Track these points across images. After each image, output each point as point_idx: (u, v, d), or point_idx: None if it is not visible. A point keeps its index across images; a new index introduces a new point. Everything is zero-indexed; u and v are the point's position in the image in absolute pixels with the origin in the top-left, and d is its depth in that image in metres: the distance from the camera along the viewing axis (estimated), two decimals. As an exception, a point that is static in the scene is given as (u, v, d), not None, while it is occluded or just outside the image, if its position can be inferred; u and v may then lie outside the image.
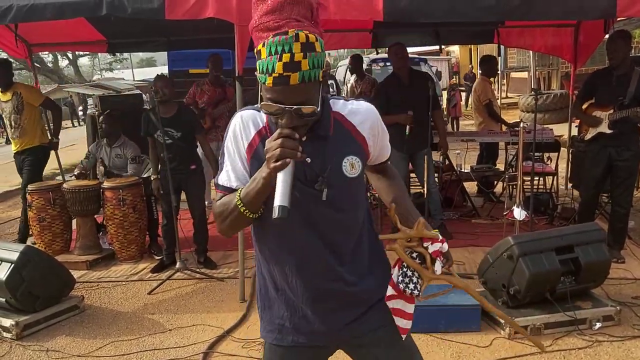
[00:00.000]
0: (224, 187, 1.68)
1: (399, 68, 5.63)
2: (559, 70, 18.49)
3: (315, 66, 1.48)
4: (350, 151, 1.66)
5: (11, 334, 4.03)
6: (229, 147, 1.67)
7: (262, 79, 1.49)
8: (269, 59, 1.45)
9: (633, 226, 5.72)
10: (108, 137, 5.87)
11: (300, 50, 1.45)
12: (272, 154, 1.45)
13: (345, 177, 1.65)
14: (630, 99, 4.67)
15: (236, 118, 1.69)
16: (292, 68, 1.44)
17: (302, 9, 1.52)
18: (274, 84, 1.46)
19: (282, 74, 1.45)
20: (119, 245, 5.55)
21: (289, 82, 1.45)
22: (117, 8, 4.15)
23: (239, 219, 1.61)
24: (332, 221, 1.66)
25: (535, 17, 4.28)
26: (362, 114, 1.69)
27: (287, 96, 1.47)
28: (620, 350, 3.50)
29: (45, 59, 31.22)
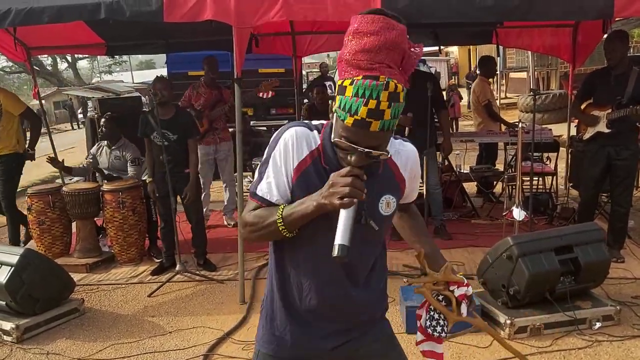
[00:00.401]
0: (262, 198, 1.65)
1: None
2: (557, 70, 18.50)
3: (396, 116, 1.49)
4: (389, 191, 1.68)
5: (11, 337, 4.03)
6: (276, 158, 1.63)
7: (342, 116, 1.48)
8: (355, 100, 1.44)
9: (633, 226, 5.73)
10: (108, 140, 5.87)
11: (387, 100, 1.44)
12: (339, 190, 1.44)
13: (381, 214, 1.67)
14: (629, 98, 4.68)
15: (289, 132, 1.64)
16: (375, 116, 1.44)
17: (396, 55, 1.49)
18: (354, 126, 1.46)
19: (365, 119, 1.44)
20: (118, 247, 5.55)
21: (370, 128, 1.45)
22: (115, 11, 4.16)
23: (273, 234, 1.60)
24: (357, 251, 1.63)
25: (534, 17, 4.29)
26: (406, 156, 1.74)
27: (363, 139, 1.47)
28: (620, 350, 3.50)
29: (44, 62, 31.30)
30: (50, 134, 7.61)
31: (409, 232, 1.96)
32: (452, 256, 5.24)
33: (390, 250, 5.60)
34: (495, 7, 4.09)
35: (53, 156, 6.11)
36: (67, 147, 17.30)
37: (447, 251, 5.36)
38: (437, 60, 19.82)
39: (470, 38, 8.73)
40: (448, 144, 5.87)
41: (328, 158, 1.61)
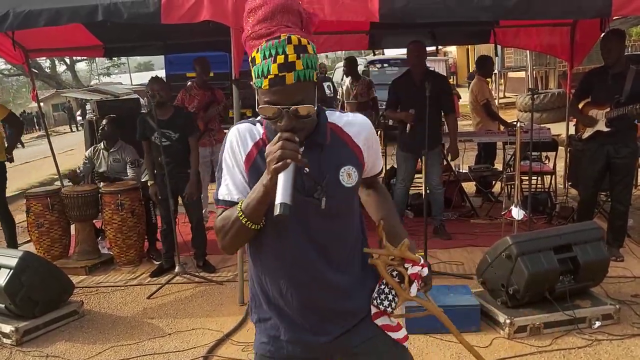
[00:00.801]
0: (224, 201, 1.67)
1: (414, 66, 5.59)
2: (556, 69, 18.49)
3: (310, 67, 1.51)
4: (346, 161, 1.67)
5: (11, 340, 4.03)
6: (227, 160, 1.67)
7: (258, 83, 1.51)
8: (264, 63, 1.49)
9: (632, 224, 5.73)
10: (107, 141, 5.86)
11: (294, 52, 1.48)
12: (272, 157, 1.46)
13: (343, 186, 1.66)
14: (627, 96, 4.69)
15: (232, 131, 1.70)
16: (287, 68, 1.47)
17: (292, 17, 1.56)
18: (270, 86, 1.49)
19: (278, 75, 1.47)
20: (117, 249, 5.55)
21: (285, 82, 1.48)
22: (113, 13, 4.16)
23: (240, 231, 1.60)
24: (328, 231, 1.67)
25: (532, 16, 4.29)
26: (357, 125, 1.72)
27: (284, 97, 1.49)
28: (620, 348, 3.50)
29: (42, 64, 31.26)
30: (49, 136, 7.61)
31: (375, 208, 1.91)
32: (451, 256, 5.25)
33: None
34: (493, 6, 4.09)
35: (74, 171, 6.01)
36: (66, 150, 17.30)
37: (446, 251, 5.37)
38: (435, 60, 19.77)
39: (468, 38, 8.75)
40: (455, 148, 5.82)
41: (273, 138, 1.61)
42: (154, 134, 5.02)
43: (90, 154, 6.04)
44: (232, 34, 4.19)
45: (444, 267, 4.98)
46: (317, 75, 1.56)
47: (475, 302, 3.85)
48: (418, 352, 3.59)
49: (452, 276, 4.75)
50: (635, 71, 4.75)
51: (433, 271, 4.78)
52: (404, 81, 5.66)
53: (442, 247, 5.47)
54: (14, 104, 43.57)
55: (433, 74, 6.09)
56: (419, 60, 5.57)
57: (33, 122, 37.98)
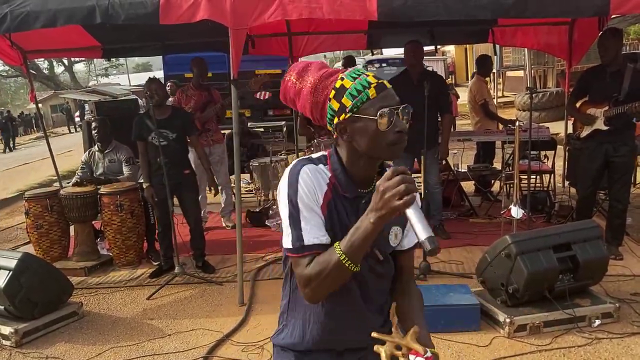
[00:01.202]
0: (316, 245, 1.54)
1: (411, 66, 5.59)
2: (554, 68, 18.51)
3: None
4: (397, 221, 1.66)
5: (10, 341, 4.02)
6: (304, 200, 1.55)
7: (361, 97, 1.54)
8: (358, 81, 1.56)
9: (631, 223, 5.73)
10: (101, 142, 5.86)
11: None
12: (394, 192, 1.39)
13: (390, 246, 1.68)
14: (625, 95, 4.69)
15: (303, 170, 1.59)
16: (378, 79, 1.57)
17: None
18: (377, 91, 1.54)
19: (378, 82, 1.55)
20: (117, 250, 5.54)
21: (386, 86, 1.56)
22: (110, 15, 4.15)
23: (340, 274, 1.50)
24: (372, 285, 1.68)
25: (530, 15, 4.29)
26: None
27: (392, 99, 1.56)
28: (620, 347, 3.50)
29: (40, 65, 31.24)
30: (48, 137, 7.60)
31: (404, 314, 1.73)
32: (450, 255, 5.25)
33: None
34: (491, 5, 4.09)
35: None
36: (64, 151, 17.29)
37: (445, 250, 5.37)
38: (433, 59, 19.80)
39: (466, 37, 8.74)
40: (445, 148, 5.84)
41: (344, 186, 1.60)
42: (150, 135, 5.01)
43: (86, 158, 6.03)
44: (231, 34, 4.18)
45: (444, 267, 4.98)
46: None
47: (475, 302, 3.85)
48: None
49: (452, 275, 4.75)
50: (632, 69, 4.76)
51: (432, 270, 4.79)
52: (401, 81, 5.64)
53: (442, 247, 5.41)
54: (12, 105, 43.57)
55: (430, 73, 6.08)
56: (417, 60, 5.56)
57: (31, 124, 37.99)
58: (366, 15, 4.14)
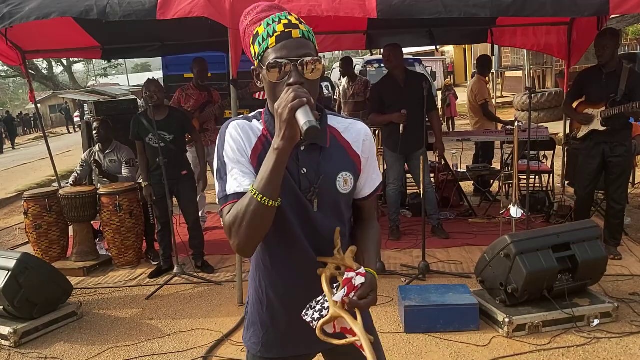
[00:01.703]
0: (236, 194, 1.53)
1: (394, 68, 5.60)
2: (553, 68, 18.54)
3: (311, 33, 1.54)
4: (344, 167, 1.65)
5: (9, 341, 4.02)
6: (229, 154, 1.57)
7: (264, 45, 1.52)
8: (268, 28, 1.52)
9: (629, 223, 5.74)
10: (102, 143, 5.86)
11: (295, 19, 1.53)
12: (285, 101, 1.40)
13: (338, 192, 1.64)
14: (622, 95, 4.70)
15: (232, 126, 1.61)
16: (292, 26, 1.51)
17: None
18: (277, 41, 1.50)
19: (284, 31, 1.50)
20: (116, 251, 5.54)
21: (291, 35, 1.50)
22: (107, 14, 4.14)
23: (258, 214, 1.46)
24: (322, 231, 1.64)
25: (529, 14, 4.29)
26: (357, 132, 1.69)
27: (291, 50, 1.49)
28: (619, 347, 3.50)
29: (39, 65, 31.20)
30: (47, 137, 7.60)
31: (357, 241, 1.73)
32: (449, 255, 5.25)
33: (387, 250, 5.61)
34: (490, 3, 4.09)
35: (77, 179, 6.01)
36: (64, 151, 17.28)
37: (444, 250, 5.38)
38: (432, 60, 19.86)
39: (465, 37, 8.74)
40: (440, 143, 5.88)
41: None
42: (148, 135, 5.02)
43: (87, 157, 6.03)
44: (230, 35, 4.18)
45: (443, 267, 4.98)
46: (318, 53, 1.56)
47: (474, 301, 3.86)
48: (417, 351, 3.59)
49: (451, 275, 4.76)
50: (629, 70, 4.77)
51: (432, 270, 4.79)
52: (388, 84, 5.65)
53: (441, 247, 5.47)
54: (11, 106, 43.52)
55: (414, 73, 6.11)
56: (397, 62, 5.58)
57: (30, 124, 37.96)
58: (365, 13, 4.13)
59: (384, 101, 5.59)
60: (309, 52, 1.51)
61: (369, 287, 1.47)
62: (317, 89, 1.56)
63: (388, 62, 5.63)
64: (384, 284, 4.64)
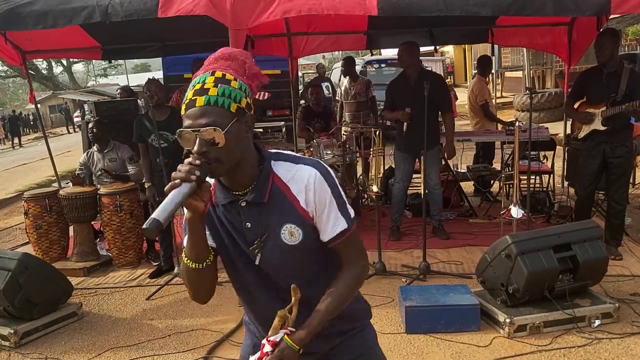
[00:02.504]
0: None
1: (407, 67, 5.56)
2: (553, 69, 18.53)
3: (225, 95, 1.50)
4: (288, 219, 1.60)
5: (9, 342, 4.01)
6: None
7: (182, 111, 1.54)
8: (187, 92, 1.53)
9: (630, 223, 5.74)
10: (99, 143, 5.85)
11: (213, 82, 1.51)
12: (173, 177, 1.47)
13: (286, 244, 1.61)
14: (622, 95, 4.70)
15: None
16: (200, 93, 1.50)
17: (234, 64, 1.59)
18: (185, 109, 1.51)
19: (191, 99, 1.50)
20: (116, 251, 5.54)
21: (196, 104, 1.49)
22: (110, 14, 4.14)
23: (189, 273, 1.61)
24: (279, 283, 1.65)
25: (530, 13, 4.28)
26: (302, 183, 1.60)
27: (192, 119, 1.49)
28: (620, 347, 3.50)
29: (39, 66, 31.19)
30: (47, 138, 7.60)
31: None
32: (450, 255, 5.25)
33: (388, 251, 5.58)
34: (491, 2, 4.09)
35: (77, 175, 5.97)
36: (63, 151, 17.27)
37: (445, 250, 5.37)
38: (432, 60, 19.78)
39: (466, 37, 8.75)
40: (451, 147, 5.82)
41: (219, 195, 1.63)
42: (150, 136, 5.01)
43: (84, 159, 6.01)
44: (230, 35, 4.18)
45: (443, 267, 4.97)
46: (239, 110, 1.52)
47: (475, 302, 3.85)
48: (418, 351, 3.59)
49: (452, 276, 4.75)
50: (629, 70, 4.77)
51: (432, 270, 4.78)
52: (400, 82, 5.65)
53: (441, 247, 5.47)
54: (11, 106, 43.51)
55: (429, 73, 6.07)
56: (412, 61, 5.53)
57: (30, 124, 37.94)
58: (366, 11, 4.12)
59: (394, 99, 5.59)
60: (210, 122, 1.48)
61: (274, 358, 1.58)
62: (231, 152, 1.52)
63: (400, 61, 5.61)
64: (385, 284, 4.63)
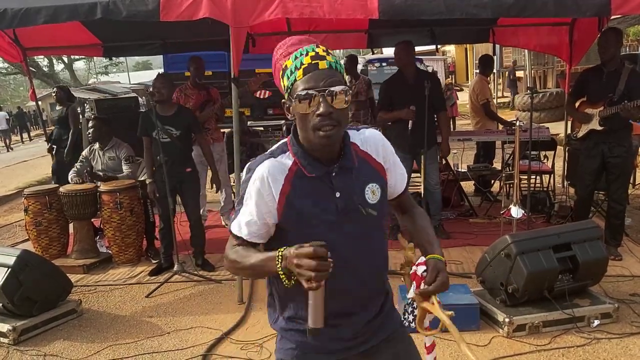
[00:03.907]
0: (235, 236, 1.70)
1: (404, 66, 5.56)
2: (554, 69, 18.54)
3: (339, 64, 1.57)
4: (370, 179, 1.69)
5: (8, 339, 4.01)
6: (252, 196, 1.64)
7: (292, 78, 1.55)
8: (296, 61, 1.55)
9: (630, 223, 5.73)
10: (98, 141, 5.84)
11: (323, 51, 1.57)
12: (305, 273, 1.43)
13: (368, 203, 1.68)
14: (620, 95, 4.69)
15: (257, 171, 1.63)
16: (319, 58, 1.54)
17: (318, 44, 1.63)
18: (304, 73, 1.53)
19: (311, 63, 1.53)
20: (116, 248, 5.54)
21: (318, 67, 1.53)
22: (111, 11, 4.15)
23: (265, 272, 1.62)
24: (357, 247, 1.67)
25: (530, 14, 4.28)
26: (373, 141, 1.73)
27: (318, 80, 1.52)
28: (619, 347, 3.50)
29: (40, 63, 31.16)
30: (47, 135, 7.59)
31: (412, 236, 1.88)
32: (450, 255, 5.24)
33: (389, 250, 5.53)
34: (492, 3, 4.08)
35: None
36: (64, 149, 17.27)
37: (445, 250, 5.30)
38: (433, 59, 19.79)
39: (467, 37, 8.74)
40: (446, 145, 5.83)
41: (308, 168, 1.62)
42: (155, 131, 5.01)
43: (87, 153, 6.01)
44: (231, 33, 4.18)
45: (443, 266, 4.97)
46: (347, 84, 1.58)
47: (475, 301, 3.85)
48: (421, 349, 3.58)
49: (451, 275, 4.75)
50: (629, 70, 4.77)
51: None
52: (397, 82, 5.64)
53: (442, 247, 5.44)
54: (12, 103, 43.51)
55: (425, 73, 6.08)
56: (409, 60, 5.54)
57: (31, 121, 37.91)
58: (367, 14, 4.13)
59: (392, 98, 5.58)
60: (337, 82, 1.54)
61: (433, 271, 1.66)
62: (346, 116, 1.60)
63: (398, 60, 5.60)
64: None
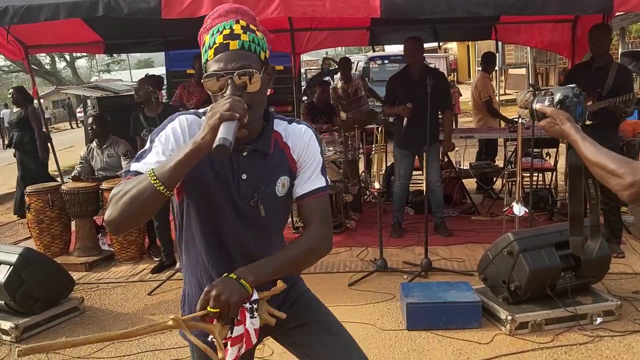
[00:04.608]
0: (135, 172, 1.55)
1: (412, 63, 5.54)
2: (556, 66, 18.49)
3: (255, 42, 1.53)
4: (284, 171, 1.70)
5: (11, 336, 4.02)
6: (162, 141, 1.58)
7: (206, 56, 1.54)
8: (211, 39, 1.53)
9: (632, 221, 5.72)
10: (98, 139, 5.83)
11: (240, 28, 1.52)
12: (219, 107, 1.42)
13: (276, 195, 1.70)
14: (608, 90, 4.68)
15: (179, 119, 1.62)
16: (231, 37, 1.51)
17: (246, 17, 1.58)
18: (215, 53, 1.51)
19: (222, 42, 1.51)
20: (118, 246, 5.54)
21: (229, 47, 1.50)
22: (113, 8, 4.15)
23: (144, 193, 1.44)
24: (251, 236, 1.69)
25: (532, 12, 4.28)
26: (296, 136, 1.71)
27: (227, 62, 1.50)
28: (622, 345, 3.49)
29: (42, 61, 31.18)
30: (49, 133, 7.60)
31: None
32: (452, 253, 5.24)
33: (389, 247, 5.57)
34: (493, 1, 4.08)
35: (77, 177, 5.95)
36: (66, 146, 17.28)
37: (447, 248, 5.36)
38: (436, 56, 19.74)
39: (469, 34, 8.72)
40: (448, 142, 5.83)
41: None
42: (143, 131, 5.06)
43: (85, 153, 6.00)
44: (233, 30, 4.17)
45: (445, 264, 4.96)
46: (266, 58, 1.56)
47: (477, 299, 3.85)
48: (419, 348, 3.58)
49: (453, 273, 4.74)
50: (618, 65, 4.78)
51: (434, 267, 4.77)
52: (402, 77, 5.63)
53: (443, 244, 5.46)
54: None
55: (431, 69, 6.05)
56: (417, 57, 5.53)
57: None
58: (369, 13, 4.13)
59: (396, 94, 5.58)
60: (246, 64, 1.50)
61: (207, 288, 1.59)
62: (261, 99, 1.57)
63: (410, 56, 5.55)
64: (386, 281, 4.63)
